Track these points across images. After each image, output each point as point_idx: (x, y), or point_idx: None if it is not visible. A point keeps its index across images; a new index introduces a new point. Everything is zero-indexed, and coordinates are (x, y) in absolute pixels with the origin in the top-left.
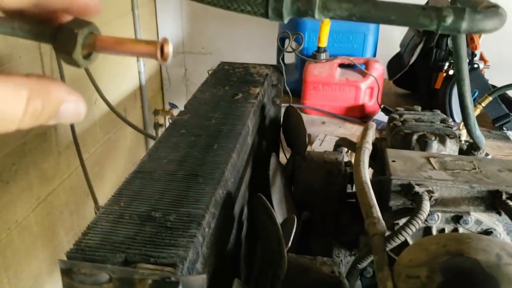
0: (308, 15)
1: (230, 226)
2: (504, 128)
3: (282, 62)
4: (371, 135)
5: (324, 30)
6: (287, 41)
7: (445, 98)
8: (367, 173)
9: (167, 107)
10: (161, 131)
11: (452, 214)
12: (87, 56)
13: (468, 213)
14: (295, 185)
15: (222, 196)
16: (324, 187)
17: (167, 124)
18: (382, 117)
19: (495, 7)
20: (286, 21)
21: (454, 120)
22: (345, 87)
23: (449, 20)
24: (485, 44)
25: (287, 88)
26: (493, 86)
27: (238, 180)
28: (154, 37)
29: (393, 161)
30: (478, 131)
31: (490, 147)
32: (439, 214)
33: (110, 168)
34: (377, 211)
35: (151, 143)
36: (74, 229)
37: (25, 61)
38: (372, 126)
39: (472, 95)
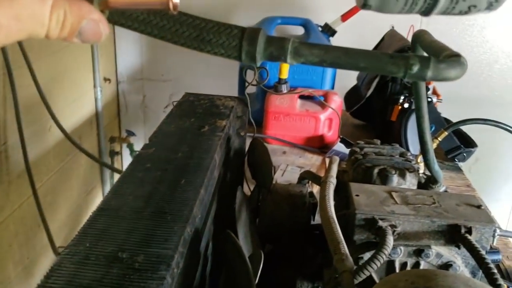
0: (280, 60)
1: (197, 263)
2: (456, 160)
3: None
4: (335, 169)
5: None
6: (249, 72)
7: (401, 130)
8: (333, 208)
9: (124, 134)
10: (116, 159)
11: (414, 248)
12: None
13: (429, 246)
14: (260, 218)
15: (190, 234)
16: (289, 220)
17: (123, 152)
18: (340, 147)
19: (458, 56)
20: (258, 64)
21: (409, 152)
22: (305, 118)
23: (416, 68)
24: None
25: (252, 120)
26: (446, 119)
27: (205, 215)
28: (112, 64)
29: (357, 195)
30: (436, 166)
31: (443, 178)
32: (402, 248)
33: (64, 197)
34: (344, 247)
35: (106, 172)
36: (23, 262)
37: None
38: (336, 160)
39: (430, 129)
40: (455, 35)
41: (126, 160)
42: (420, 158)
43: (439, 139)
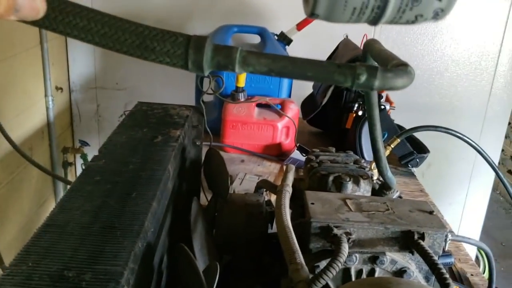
0: (228, 69)
1: (150, 279)
2: (409, 165)
3: (202, 101)
4: (291, 178)
5: None
6: (206, 80)
7: (355, 137)
8: (288, 217)
9: (77, 144)
10: (70, 170)
11: (369, 255)
12: None
13: (383, 253)
14: (217, 229)
15: (141, 249)
16: (246, 230)
17: (77, 163)
18: (297, 155)
19: (405, 65)
20: (206, 73)
21: (364, 158)
22: (263, 126)
23: (363, 78)
24: None
25: (208, 129)
26: (399, 126)
27: (158, 228)
28: (64, 73)
29: (312, 203)
30: (389, 173)
31: (397, 183)
32: (357, 255)
33: (14, 211)
34: (300, 257)
35: (59, 184)
36: None
37: None
38: (292, 169)
39: (382, 137)
40: (407, 44)
41: (80, 171)
42: (374, 165)
43: (392, 146)
